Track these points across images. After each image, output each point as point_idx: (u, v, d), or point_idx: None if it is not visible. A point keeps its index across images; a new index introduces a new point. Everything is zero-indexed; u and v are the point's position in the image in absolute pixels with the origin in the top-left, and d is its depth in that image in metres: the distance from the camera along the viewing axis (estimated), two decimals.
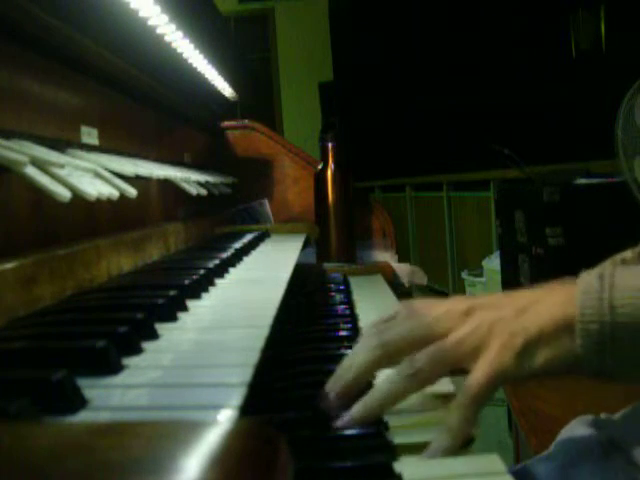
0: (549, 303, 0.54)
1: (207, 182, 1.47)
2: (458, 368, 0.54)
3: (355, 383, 0.57)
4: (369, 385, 0.59)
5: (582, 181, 2.40)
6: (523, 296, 0.57)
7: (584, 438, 0.72)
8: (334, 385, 0.57)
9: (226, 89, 1.79)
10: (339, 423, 0.54)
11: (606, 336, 0.51)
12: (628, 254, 0.81)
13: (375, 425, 0.54)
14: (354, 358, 0.58)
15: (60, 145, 0.86)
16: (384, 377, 0.56)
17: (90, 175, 0.80)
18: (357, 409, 0.54)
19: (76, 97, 0.99)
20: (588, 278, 0.54)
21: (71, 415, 0.41)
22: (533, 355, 0.52)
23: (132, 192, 0.86)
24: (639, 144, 2.10)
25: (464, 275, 3.74)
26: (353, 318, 0.92)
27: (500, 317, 0.54)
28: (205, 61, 1.39)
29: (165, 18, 1.06)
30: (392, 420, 0.55)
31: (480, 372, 0.52)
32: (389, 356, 0.56)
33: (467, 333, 0.54)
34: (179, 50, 1.23)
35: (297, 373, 0.68)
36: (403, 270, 1.66)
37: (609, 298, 0.51)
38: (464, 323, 0.55)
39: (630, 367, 0.52)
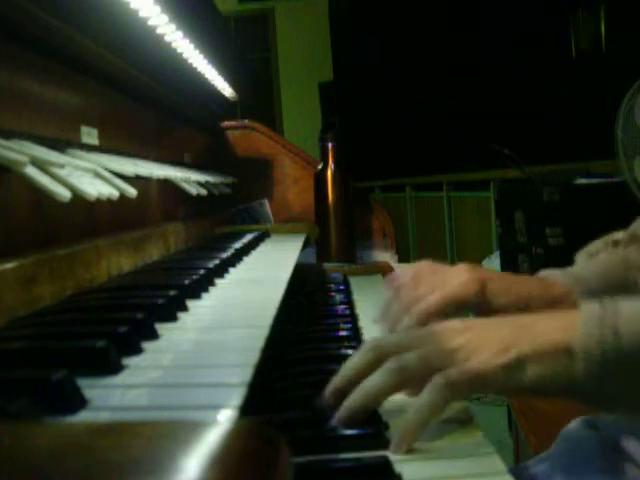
0: (549, 325, 0.55)
1: (207, 182, 1.47)
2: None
3: (350, 384, 0.56)
4: None
5: (582, 181, 2.40)
6: (523, 318, 0.57)
7: (584, 438, 0.72)
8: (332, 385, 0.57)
9: (226, 89, 1.79)
10: (332, 422, 0.54)
11: (610, 361, 0.51)
12: (619, 235, 0.81)
13: (375, 425, 0.54)
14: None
15: (60, 145, 0.86)
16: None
17: (90, 175, 0.80)
18: (342, 408, 0.54)
19: (76, 97, 0.99)
20: (590, 306, 0.54)
21: (71, 415, 0.41)
22: (524, 369, 0.52)
23: (132, 192, 0.86)
24: (639, 144, 2.10)
25: None
26: (353, 318, 0.92)
27: (497, 332, 0.55)
28: (205, 61, 1.39)
29: (165, 18, 1.06)
30: (392, 420, 0.55)
31: (465, 367, 0.52)
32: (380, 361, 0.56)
33: (462, 344, 0.54)
34: (179, 50, 1.23)
35: (297, 373, 0.68)
36: None
37: (613, 325, 0.52)
38: (461, 335, 0.55)
39: (630, 395, 0.53)
